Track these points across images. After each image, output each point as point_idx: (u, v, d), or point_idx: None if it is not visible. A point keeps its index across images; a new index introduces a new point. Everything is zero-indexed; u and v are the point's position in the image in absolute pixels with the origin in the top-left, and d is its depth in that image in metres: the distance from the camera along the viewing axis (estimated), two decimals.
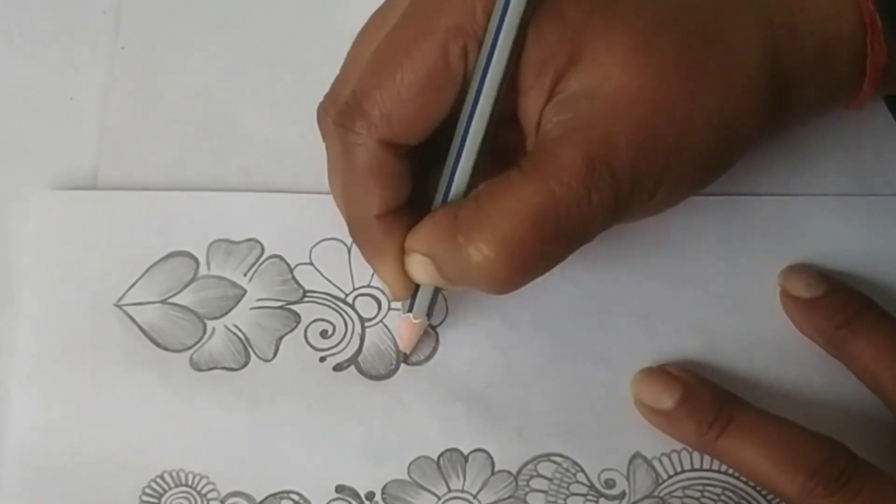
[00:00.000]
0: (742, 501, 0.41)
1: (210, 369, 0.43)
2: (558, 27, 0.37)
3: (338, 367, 0.43)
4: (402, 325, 0.43)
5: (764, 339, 0.43)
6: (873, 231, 0.45)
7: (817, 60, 0.40)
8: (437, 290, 0.42)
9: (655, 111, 0.37)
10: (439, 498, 0.41)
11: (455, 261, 0.38)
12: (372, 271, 0.44)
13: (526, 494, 0.41)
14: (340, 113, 0.39)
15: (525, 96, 0.38)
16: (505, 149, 0.40)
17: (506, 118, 0.39)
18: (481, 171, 0.39)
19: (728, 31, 0.38)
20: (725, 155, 0.39)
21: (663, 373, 0.42)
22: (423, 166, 0.40)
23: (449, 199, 0.39)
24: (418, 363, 0.43)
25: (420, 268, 0.40)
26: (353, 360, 0.43)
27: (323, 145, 0.41)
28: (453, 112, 0.39)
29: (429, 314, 0.42)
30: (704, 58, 0.38)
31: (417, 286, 0.41)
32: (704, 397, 0.41)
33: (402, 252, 0.40)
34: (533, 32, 0.37)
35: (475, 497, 0.41)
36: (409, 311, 0.41)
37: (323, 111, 0.41)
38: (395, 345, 0.43)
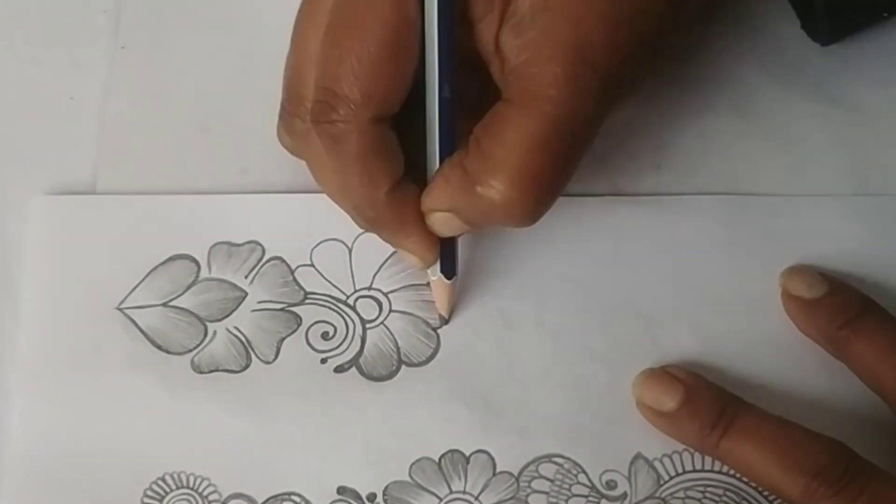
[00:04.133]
0: (744, 502, 0.41)
1: (211, 371, 0.43)
2: None
3: (339, 369, 0.43)
4: (437, 288, 0.43)
5: (765, 340, 0.43)
6: (874, 231, 0.45)
7: None
8: (456, 245, 0.42)
9: None
10: (441, 499, 0.41)
11: (478, 208, 0.39)
12: (373, 272, 0.44)
13: (527, 496, 0.41)
14: (317, 111, 0.39)
15: (479, 25, 0.39)
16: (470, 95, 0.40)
17: (461, 62, 0.39)
18: (460, 115, 0.40)
19: None
20: (675, 9, 0.40)
21: (665, 374, 0.42)
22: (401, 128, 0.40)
23: (439, 149, 0.40)
24: (419, 364, 0.43)
25: (445, 223, 0.40)
26: (354, 361, 0.43)
27: None
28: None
29: (455, 272, 0.42)
30: None
31: (441, 246, 0.42)
32: (707, 399, 0.41)
33: (421, 217, 0.40)
34: None
35: (477, 498, 0.41)
36: (439, 273, 0.42)
37: (288, 119, 0.41)
38: (397, 346, 0.43)
